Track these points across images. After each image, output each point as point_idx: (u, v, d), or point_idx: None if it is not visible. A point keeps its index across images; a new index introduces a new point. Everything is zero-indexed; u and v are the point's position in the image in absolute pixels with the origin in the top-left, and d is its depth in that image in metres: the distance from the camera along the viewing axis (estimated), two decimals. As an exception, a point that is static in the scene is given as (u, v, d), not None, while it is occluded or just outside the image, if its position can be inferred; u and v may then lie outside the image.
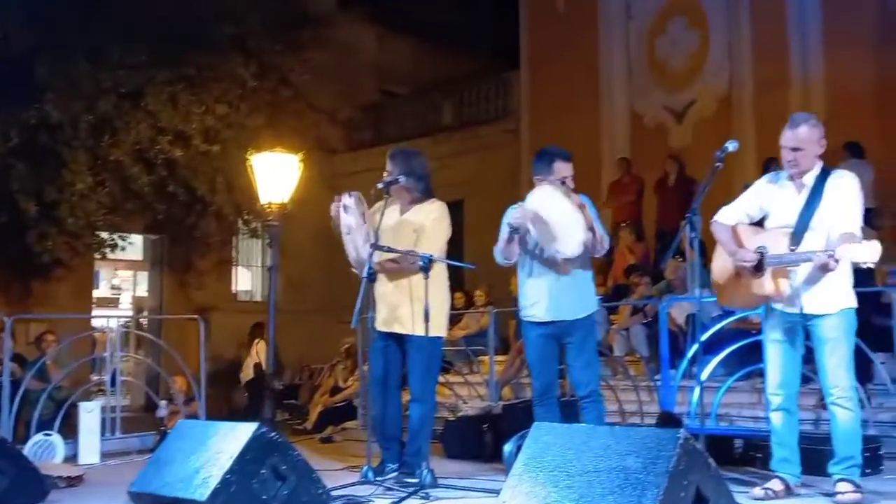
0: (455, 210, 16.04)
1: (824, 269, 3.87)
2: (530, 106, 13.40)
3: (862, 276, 6.99)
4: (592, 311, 4.74)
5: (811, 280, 4.07)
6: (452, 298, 11.11)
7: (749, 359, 6.12)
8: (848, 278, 4.12)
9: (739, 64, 11.26)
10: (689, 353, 6.46)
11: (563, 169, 4.63)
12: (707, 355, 7.00)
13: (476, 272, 12.17)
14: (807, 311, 4.11)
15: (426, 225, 4.82)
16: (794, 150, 4.15)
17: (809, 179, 4.18)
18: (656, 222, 10.41)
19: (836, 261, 3.79)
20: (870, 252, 3.65)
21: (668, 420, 6.12)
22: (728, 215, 4.42)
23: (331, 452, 6.66)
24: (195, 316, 8.73)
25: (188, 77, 12.14)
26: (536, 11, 13.45)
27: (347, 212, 4.73)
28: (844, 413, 4.09)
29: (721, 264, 4.45)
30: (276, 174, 7.93)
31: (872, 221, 8.28)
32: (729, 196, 4.54)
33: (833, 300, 4.09)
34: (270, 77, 12.82)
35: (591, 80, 12.56)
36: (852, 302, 4.13)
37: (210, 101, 12.22)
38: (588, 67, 12.56)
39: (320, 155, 12.81)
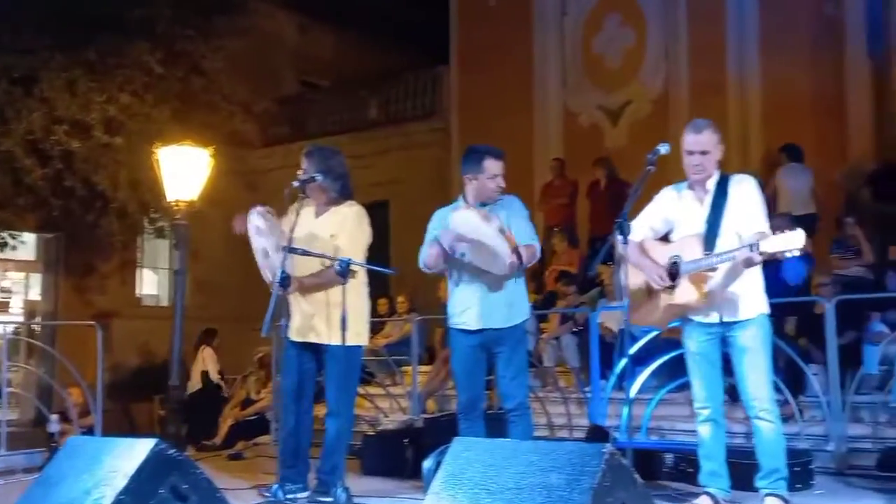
0: (379, 212, 16.08)
1: (749, 263, 3.98)
2: (460, 103, 13.45)
3: (797, 289, 7.31)
4: (525, 318, 4.78)
5: (726, 285, 4.20)
6: (376, 305, 11.16)
7: (681, 370, 6.22)
8: (760, 282, 4.29)
9: (676, 65, 11.53)
10: (620, 365, 6.57)
11: (494, 167, 4.65)
12: (639, 366, 7.17)
13: (403, 278, 12.16)
14: (726, 318, 4.25)
15: (344, 229, 4.79)
16: (703, 153, 4.30)
17: (710, 186, 4.33)
18: (589, 227, 10.55)
19: (761, 254, 3.90)
20: (793, 240, 3.76)
21: (598, 434, 6.22)
22: (634, 231, 4.51)
23: (240, 470, 6.55)
24: (92, 322, 8.49)
25: (88, 62, 11.81)
26: (468, 4, 13.53)
27: (261, 234, 4.65)
28: (767, 426, 4.23)
29: (632, 282, 4.55)
30: (184, 170, 7.81)
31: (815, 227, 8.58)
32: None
33: (750, 306, 4.25)
34: (180, 65, 12.56)
35: (525, 77, 12.69)
36: (766, 307, 4.30)
37: (113, 88, 11.90)
38: (521, 64, 12.69)
39: (234, 150, 12.61)
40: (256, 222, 4.64)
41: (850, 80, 10.21)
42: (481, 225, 4.43)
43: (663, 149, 4.29)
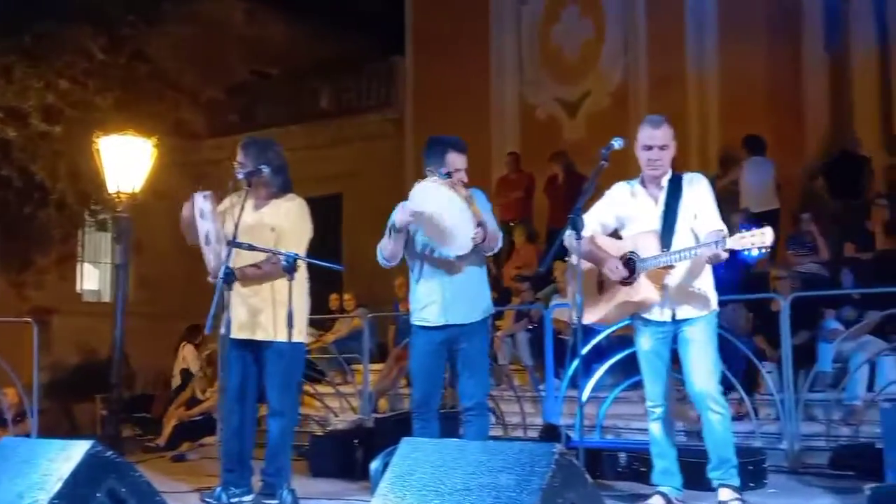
0: (332, 205, 15.99)
1: (715, 259, 4.05)
2: (416, 94, 13.46)
3: (755, 281, 7.43)
4: (488, 313, 4.78)
5: (683, 283, 4.27)
6: (327, 301, 11.09)
7: (636, 368, 6.29)
8: (711, 281, 4.37)
9: (635, 57, 11.65)
10: (573, 363, 6.62)
11: (457, 161, 4.62)
12: (595, 364, 7.24)
13: (356, 273, 12.10)
14: (679, 316, 4.32)
15: (286, 223, 4.77)
16: (662, 148, 4.35)
17: (664, 183, 4.39)
18: (547, 222, 10.61)
19: (727, 251, 3.96)
20: (762, 238, 3.84)
21: (551, 433, 6.27)
22: (584, 226, 4.55)
23: (183, 472, 6.50)
24: (28, 319, 8.34)
25: (24, 47, 11.58)
26: (424, -8, 13.55)
27: (204, 217, 4.60)
28: (716, 416, 4.30)
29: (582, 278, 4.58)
30: (126, 160, 7.71)
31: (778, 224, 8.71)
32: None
33: (703, 303, 4.33)
34: (123, 51, 12.39)
35: (481, 68, 12.72)
36: (716, 305, 4.39)
37: (51, 75, 11.70)
38: (478, 55, 12.72)
39: (181, 141, 12.48)
40: (200, 205, 4.60)
41: (808, 73, 10.42)
42: (447, 194, 4.39)
43: (617, 143, 4.30)
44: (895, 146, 9.77)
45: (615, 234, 4.57)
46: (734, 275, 6.68)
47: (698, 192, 4.34)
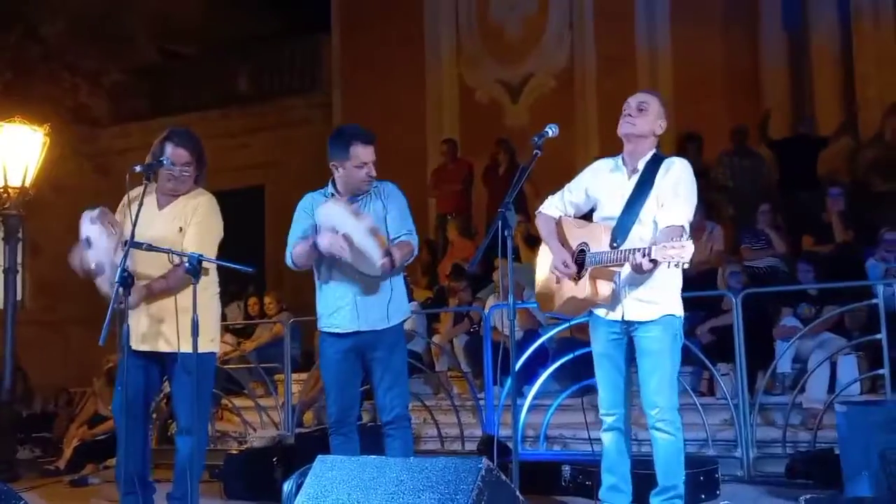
0: (253, 198, 15.77)
1: (638, 270, 3.99)
2: (343, 76, 13.43)
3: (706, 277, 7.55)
4: (404, 318, 4.77)
5: (634, 282, 4.22)
6: (247, 305, 10.97)
7: (585, 372, 6.35)
8: (675, 282, 4.29)
9: (581, 35, 11.78)
10: (515, 369, 6.65)
11: (363, 153, 4.60)
12: (541, 368, 7.30)
13: (280, 274, 11.96)
14: (627, 317, 4.28)
15: (194, 220, 4.71)
16: (640, 109, 4.31)
17: (641, 165, 4.33)
18: (486, 215, 10.66)
19: (652, 261, 3.88)
20: (679, 252, 3.76)
21: (490, 445, 6.29)
22: (552, 206, 4.55)
23: (82, 498, 6.41)
24: None
25: None
26: (350, -38, 13.50)
27: (93, 246, 4.52)
28: (665, 437, 4.25)
29: (543, 265, 4.58)
30: (14, 151, 7.54)
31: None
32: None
33: (656, 306, 4.25)
34: (13, 29, 12.11)
35: (415, 47, 12.74)
36: (677, 309, 4.29)
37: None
38: (411, 33, 12.74)
39: (80, 128, 12.27)
40: (87, 232, 4.51)
41: (766, 54, 10.61)
42: (350, 221, 4.40)
43: (551, 130, 4.30)
44: (856, 127, 9.97)
45: (590, 216, 4.52)
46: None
47: (671, 178, 4.24)
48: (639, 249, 3.96)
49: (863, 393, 6.68)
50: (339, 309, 4.60)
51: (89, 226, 4.52)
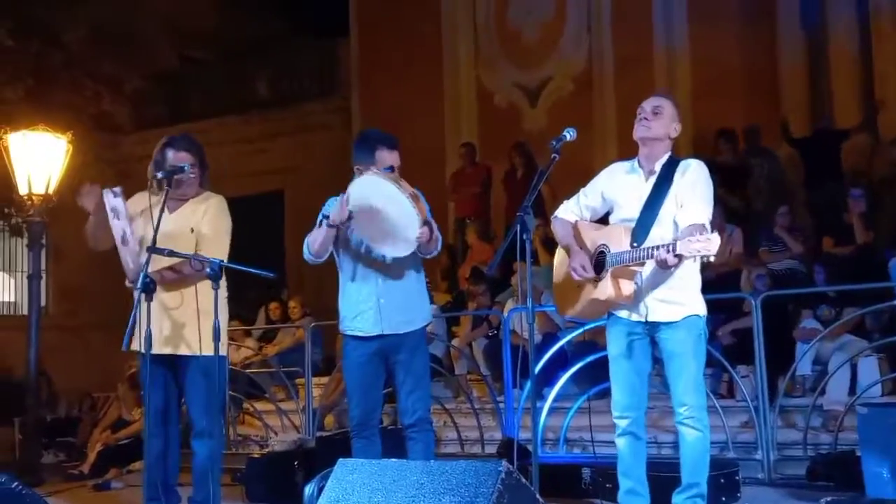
0: (273, 203, 15.81)
1: (663, 265, 3.99)
2: (362, 80, 13.45)
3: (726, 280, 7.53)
4: (426, 322, 4.80)
5: (655, 282, 4.23)
6: (268, 309, 11.00)
7: (604, 375, 6.35)
8: (696, 281, 4.31)
9: (599, 38, 11.76)
10: (535, 371, 6.66)
11: (388, 158, 4.63)
12: (561, 371, 7.30)
13: (302, 279, 12.00)
14: (651, 318, 4.29)
15: (205, 225, 4.76)
16: (655, 112, 4.33)
17: (658, 167, 4.35)
18: (505, 219, 10.67)
19: (677, 256, 3.88)
20: (706, 245, 3.77)
21: (510, 448, 6.31)
22: (568, 210, 4.57)
23: (106, 503, 6.45)
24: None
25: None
26: (368, -32, 13.54)
27: (119, 216, 4.58)
28: (692, 433, 4.27)
29: (561, 268, 4.60)
30: (38, 159, 7.63)
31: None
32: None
33: (680, 307, 4.26)
34: (34, 37, 12.21)
35: (433, 51, 12.76)
36: (700, 309, 4.31)
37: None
38: (429, 37, 12.76)
39: (102, 135, 12.36)
40: (113, 203, 4.57)
41: (784, 54, 10.57)
42: (392, 189, 4.40)
43: (569, 134, 4.31)
44: (875, 128, 9.91)
45: (605, 220, 4.53)
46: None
47: (689, 179, 4.26)
48: (663, 245, 3.96)
49: (884, 395, 6.65)
50: (362, 312, 4.62)
51: (113, 199, 4.59)
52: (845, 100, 10.26)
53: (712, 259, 3.82)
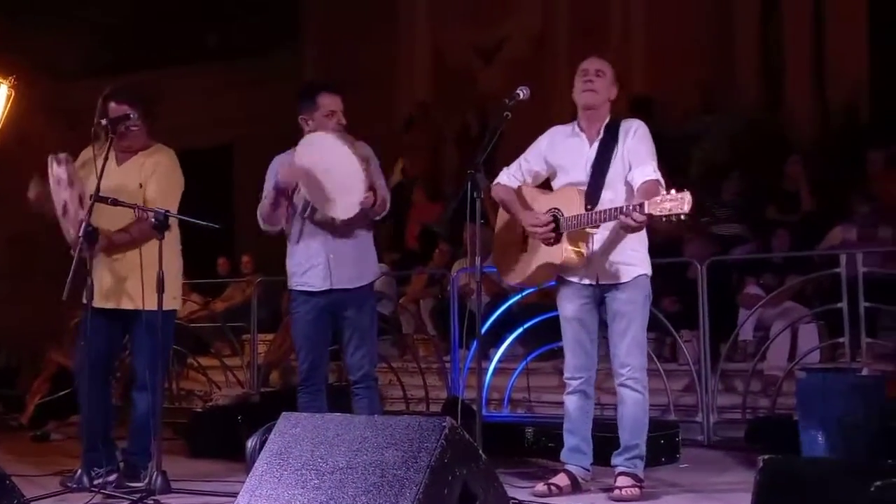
0: (222, 156, 15.60)
1: (629, 227, 4.02)
2: (315, 34, 13.28)
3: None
4: (375, 277, 4.81)
5: (610, 245, 4.29)
6: (214, 265, 10.89)
7: (549, 337, 6.40)
8: (645, 242, 4.39)
9: (554, -1, 11.68)
10: (481, 332, 6.69)
11: (330, 102, 4.58)
12: (507, 333, 7.34)
13: (249, 233, 11.84)
14: (603, 280, 4.35)
15: (155, 175, 4.69)
16: (598, 73, 4.39)
17: (601, 130, 4.40)
18: (458, 179, 10.63)
19: (647, 216, 3.92)
20: (678, 204, 3.80)
21: (454, 407, 6.33)
22: (510, 176, 4.58)
23: (44, 454, 6.39)
24: None
25: None
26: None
27: (61, 185, 4.49)
28: (633, 395, 4.36)
29: (504, 233, 4.61)
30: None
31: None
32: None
33: (630, 268, 4.34)
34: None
35: (389, 7, 12.60)
36: (647, 268, 4.40)
37: None
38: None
39: (50, 82, 12.04)
40: (57, 173, 4.48)
41: (739, 24, 10.57)
42: (342, 150, 4.36)
43: (522, 92, 4.31)
44: (826, 100, 9.99)
45: (547, 185, 4.56)
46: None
47: (635, 139, 4.31)
48: (629, 205, 3.98)
49: (822, 361, 6.78)
50: (311, 267, 4.61)
51: (57, 167, 4.50)
52: (798, 66, 10.30)
53: (683, 217, 3.83)
